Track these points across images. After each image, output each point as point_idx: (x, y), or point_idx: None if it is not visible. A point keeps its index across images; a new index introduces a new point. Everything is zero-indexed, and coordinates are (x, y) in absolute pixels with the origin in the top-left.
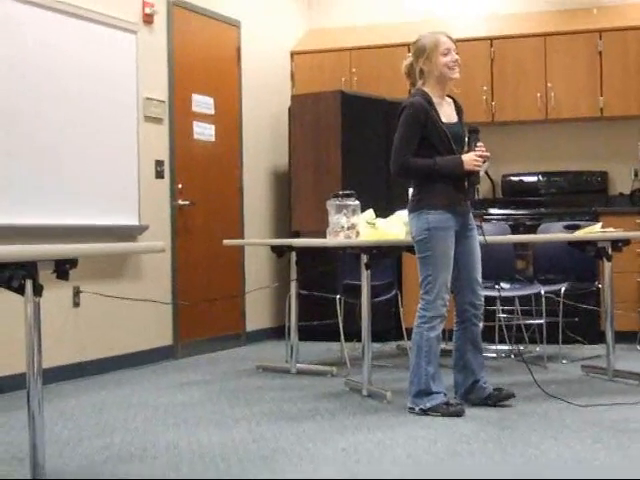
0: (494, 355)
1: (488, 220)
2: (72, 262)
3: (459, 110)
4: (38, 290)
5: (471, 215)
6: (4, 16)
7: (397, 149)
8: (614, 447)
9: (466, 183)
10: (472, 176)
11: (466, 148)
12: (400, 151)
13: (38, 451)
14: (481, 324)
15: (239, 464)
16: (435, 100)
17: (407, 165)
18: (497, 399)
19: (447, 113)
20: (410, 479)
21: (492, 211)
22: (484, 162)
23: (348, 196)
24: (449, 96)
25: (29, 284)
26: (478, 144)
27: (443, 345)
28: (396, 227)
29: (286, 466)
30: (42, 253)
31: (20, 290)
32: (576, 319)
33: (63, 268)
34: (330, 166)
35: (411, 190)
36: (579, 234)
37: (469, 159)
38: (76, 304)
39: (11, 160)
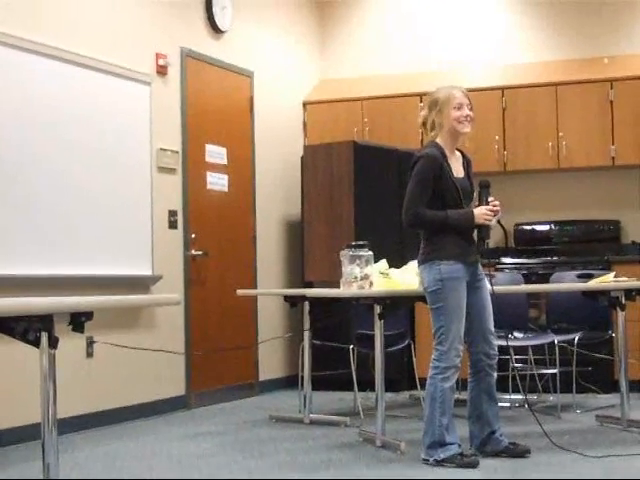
0: (507, 405)
1: (501, 269)
2: (88, 315)
3: (467, 164)
4: (53, 343)
5: (480, 266)
6: (16, 67)
7: (410, 200)
8: None
9: (475, 237)
10: (482, 229)
11: (476, 202)
12: (413, 202)
13: None
14: (495, 374)
15: None
16: (447, 153)
17: (420, 216)
18: (513, 454)
19: (456, 167)
20: None
21: (505, 260)
22: (494, 215)
23: (361, 247)
24: (458, 150)
25: (44, 337)
26: (489, 198)
27: (457, 395)
28: (409, 277)
29: None
30: (59, 306)
31: (35, 342)
32: (590, 368)
33: (79, 320)
34: (343, 216)
35: (421, 243)
36: (592, 284)
37: (480, 213)
38: (89, 354)
39: (25, 212)
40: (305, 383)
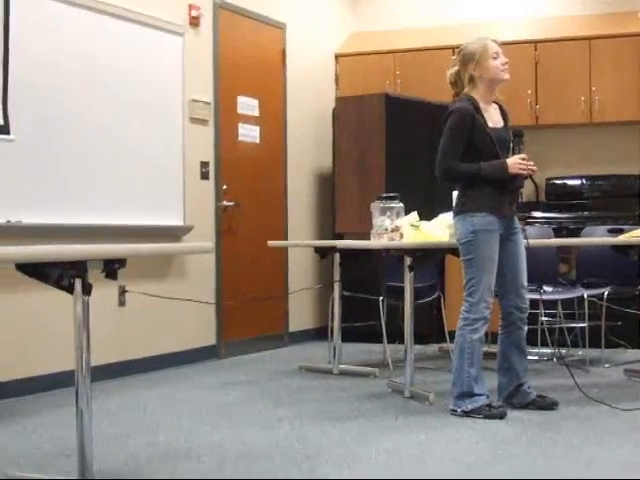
0: (536, 358)
1: (531, 223)
2: (121, 262)
3: (505, 115)
4: (87, 289)
5: (516, 219)
6: (50, 18)
7: (443, 154)
8: None
9: (510, 187)
10: (517, 180)
11: (510, 153)
12: (446, 156)
13: (86, 449)
14: (526, 328)
15: (282, 464)
16: (482, 105)
17: (452, 170)
18: (540, 406)
19: (493, 118)
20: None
21: (536, 214)
22: (529, 168)
23: (392, 198)
24: (495, 102)
25: (78, 283)
26: (521, 155)
27: (486, 348)
28: (440, 229)
29: (329, 467)
30: (92, 252)
31: (69, 289)
32: (619, 323)
33: (112, 268)
34: (374, 169)
35: (456, 194)
36: (622, 238)
37: (513, 162)
38: (122, 303)
39: (59, 163)
40: (335, 334)
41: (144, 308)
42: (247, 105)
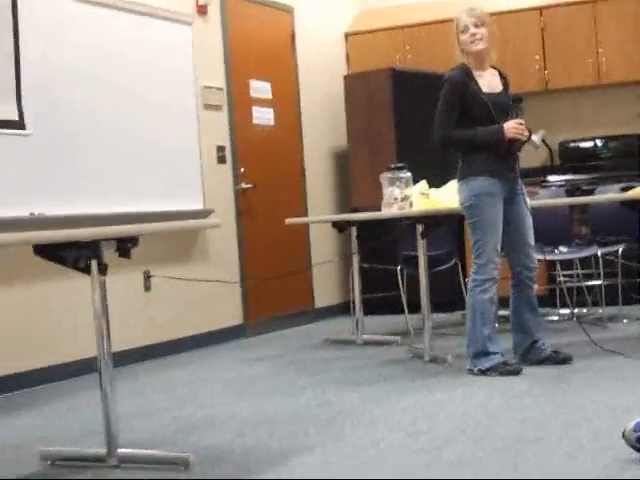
0: (556, 318)
1: (547, 187)
2: (133, 240)
3: (505, 80)
4: (103, 269)
5: (519, 181)
6: (58, 14)
7: (438, 122)
8: None
9: (508, 151)
10: (514, 144)
11: (510, 117)
12: (441, 124)
13: (112, 424)
14: (536, 286)
15: (302, 427)
16: (476, 72)
17: (448, 137)
18: (555, 361)
19: (490, 84)
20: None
21: (550, 178)
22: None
23: (400, 169)
24: (494, 67)
25: (94, 264)
26: (518, 120)
27: (502, 312)
28: (448, 196)
29: (347, 427)
30: (104, 232)
31: (87, 270)
32: (638, 280)
33: (125, 247)
34: (384, 142)
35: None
36: (629, 193)
37: (509, 127)
38: (147, 288)
39: (76, 156)
40: (356, 305)
41: (170, 292)
42: (260, 88)
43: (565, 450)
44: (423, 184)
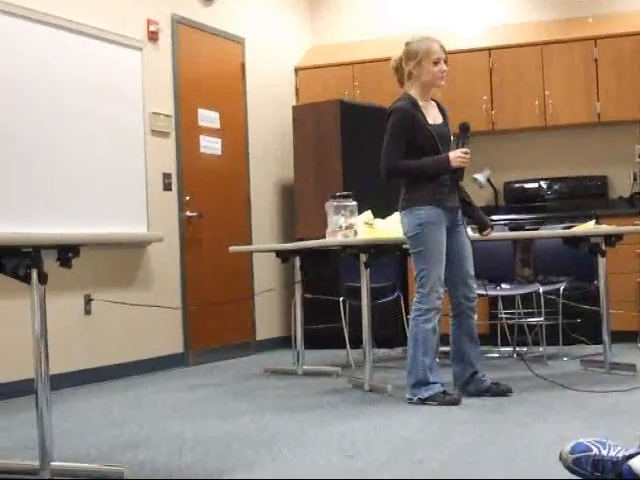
0: (497, 355)
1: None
2: (74, 250)
3: (443, 112)
4: (43, 279)
5: (460, 211)
6: (8, 33)
7: (385, 152)
8: (601, 427)
9: (450, 179)
10: (457, 172)
11: (453, 146)
12: (388, 154)
13: (46, 438)
14: (476, 316)
15: (239, 447)
16: (421, 103)
17: (396, 167)
18: (495, 393)
19: (432, 115)
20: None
21: (495, 217)
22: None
23: (346, 197)
24: (433, 100)
25: (34, 273)
26: (464, 149)
27: (442, 348)
28: (393, 227)
29: (284, 448)
30: (45, 239)
31: (26, 279)
32: (578, 320)
33: (66, 256)
34: (331, 173)
35: (401, 190)
36: (572, 230)
37: (455, 156)
38: (87, 312)
39: (22, 174)
40: (297, 335)
41: (110, 316)
42: (208, 118)
43: (504, 473)
44: (368, 214)
